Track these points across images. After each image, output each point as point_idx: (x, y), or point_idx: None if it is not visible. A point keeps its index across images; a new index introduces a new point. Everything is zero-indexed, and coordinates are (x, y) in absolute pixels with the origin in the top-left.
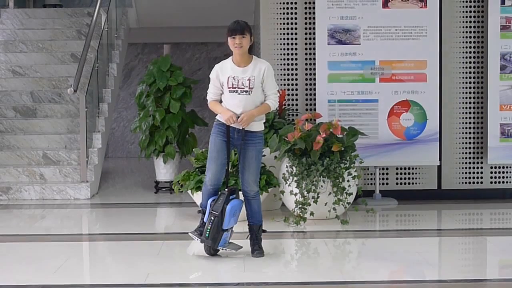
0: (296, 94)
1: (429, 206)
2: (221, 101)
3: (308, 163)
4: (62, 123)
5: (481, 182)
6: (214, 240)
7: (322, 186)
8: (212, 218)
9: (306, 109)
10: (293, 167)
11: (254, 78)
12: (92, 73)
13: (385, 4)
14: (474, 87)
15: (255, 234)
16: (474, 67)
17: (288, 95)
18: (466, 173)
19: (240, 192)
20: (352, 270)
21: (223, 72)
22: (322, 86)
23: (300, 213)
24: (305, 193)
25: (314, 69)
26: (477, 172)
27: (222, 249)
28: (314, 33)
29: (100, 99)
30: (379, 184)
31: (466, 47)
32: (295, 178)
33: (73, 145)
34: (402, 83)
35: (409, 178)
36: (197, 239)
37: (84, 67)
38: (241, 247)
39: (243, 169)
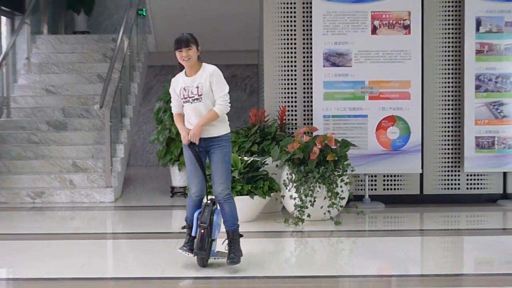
0: (295, 110)
1: (412, 209)
2: None
3: (305, 171)
4: (89, 135)
5: (459, 188)
6: (207, 251)
7: (318, 191)
8: (202, 230)
9: (304, 123)
10: (293, 174)
11: (201, 84)
12: (116, 92)
13: (374, 31)
14: (452, 104)
15: (231, 240)
16: (452, 86)
17: (288, 111)
18: (445, 180)
19: None
20: (345, 266)
21: (177, 85)
22: (318, 103)
23: (299, 215)
24: (303, 197)
25: (311, 88)
26: (455, 179)
27: (214, 258)
28: (311, 57)
29: (123, 114)
30: (368, 189)
31: (445, 69)
32: (294, 184)
33: (99, 155)
34: (389, 100)
35: (394, 184)
36: (189, 254)
37: (109, 86)
38: (226, 246)
39: (212, 173)
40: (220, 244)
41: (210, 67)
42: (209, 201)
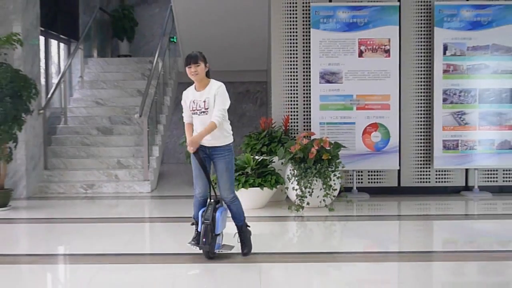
0: (297, 119)
1: (391, 198)
2: None
3: (305, 167)
4: (131, 138)
5: (429, 181)
6: (210, 245)
7: (315, 183)
8: (205, 226)
9: (304, 129)
10: (295, 170)
11: (208, 99)
12: (152, 103)
13: (360, 55)
14: (424, 113)
15: (240, 232)
16: (424, 99)
17: (291, 119)
18: (418, 175)
19: None
20: (337, 244)
21: (187, 98)
22: (315, 113)
23: (299, 203)
24: (303, 188)
25: (309, 100)
26: (426, 174)
27: (218, 251)
28: (309, 75)
29: (158, 121)
30: (356, 182)
31: (418, 85)
32: (296, 178)
33: (138, 154)
34: (372, 110)
35: (377, 178)
36: (196, 247)
37: (146, 99)
38: (233, 246)
39: (218, 180)
40: (232, 237)
41: (217, 84)
42: (212, 200)
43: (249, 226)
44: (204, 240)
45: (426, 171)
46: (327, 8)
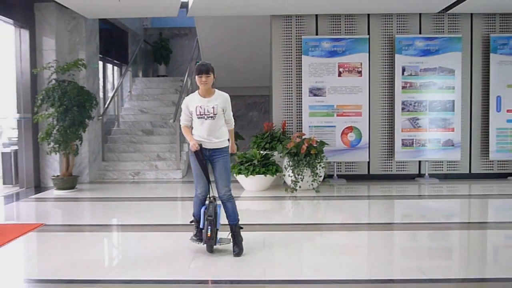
0: (292, 123)
1: (363, 183)
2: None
3: (298, 160)
4: (167, 138)
5: (391, 170)
6: (214, 239)
7: (305, 172)
8: (210, 222)
9: (297, 131)
10: (290, 161)
11: (217, 106)
12: None
13: (339, 75)
14: (387, 119)
15: (234, 233)
16: (387, 108)
17: (287, 123)
18: (383, 165)
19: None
20: (322, 217)
21: (191, 103)
22: (305, 118)
23: (293, 186)
24: (296, 175)
25: (301, 109)
26: (389, 165)
27: (219, 244)
28: (301, 90)
29: None
30: (336, 171)
31: (383, 98)
32: (291, 168)
33: (172, 150)
34: (348, 117)
35: (352, 168)
36: (199, 243)
37: (178, 108)
38: (230, 239)
39: (216, 178)
40: (226, 237)
41: (225, 94)
42: (211, 198)
43: (242, 228)
44: (209, 235)
45: (389, 162)
46: (314, 39)
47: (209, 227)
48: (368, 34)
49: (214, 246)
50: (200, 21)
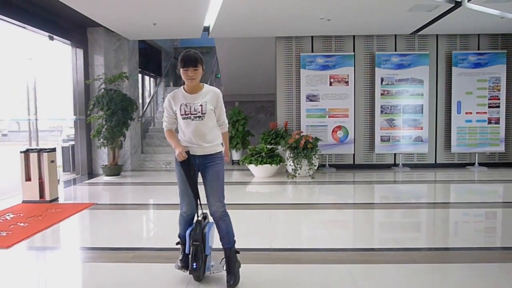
0: (292, 123)
1: (349, 171)
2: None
3: (297, 152)
4: None
5: (372, 161)
6: (202, 268)
7: (303, 162)
8: (195, 248)
9: (297, 129)
10: (291, 154)
11: (205, 103)
12: None
13: (331, 84)
14: (369, 120)
15: (228, 258)
16: (369, 111)
17: (289, 123)
18: (365, 156)
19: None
20: (318, 198)
21: (175, 101)
22: (303, 119)
23: (293, 174)
24: (296, 165)
25: (300, 112)
26: (370, 156)
27: (210, 273)
28: (300, 97)
29: None
30: (328, 161)
31: (366, 103)
32: (292, 159)
33: None
34: (338, 118)
35: (341, 159)
36: (185, 271)
37: None
38: (223, 266)
39: (207, 191)
40: (218, 263)
41: (215, 89)
42: (200, 217)
43: (238, 252)
44: (194, 265)
45: (370, 154)
46: (310, 56)
47: (195, 255)
48: (354, 51)
49: (208, 273)
50: (219, 41)
